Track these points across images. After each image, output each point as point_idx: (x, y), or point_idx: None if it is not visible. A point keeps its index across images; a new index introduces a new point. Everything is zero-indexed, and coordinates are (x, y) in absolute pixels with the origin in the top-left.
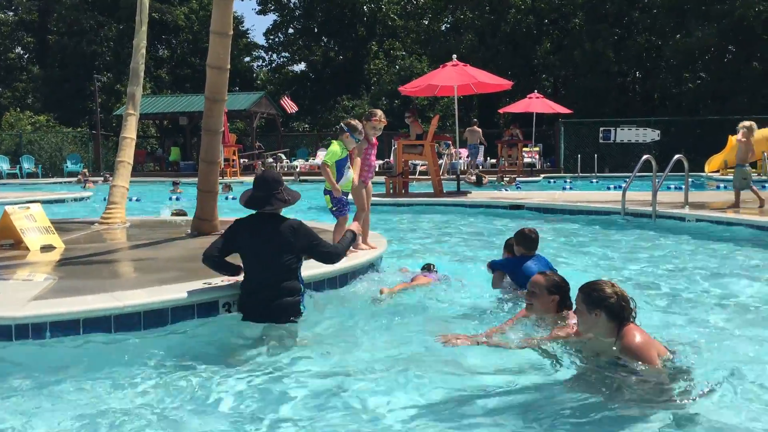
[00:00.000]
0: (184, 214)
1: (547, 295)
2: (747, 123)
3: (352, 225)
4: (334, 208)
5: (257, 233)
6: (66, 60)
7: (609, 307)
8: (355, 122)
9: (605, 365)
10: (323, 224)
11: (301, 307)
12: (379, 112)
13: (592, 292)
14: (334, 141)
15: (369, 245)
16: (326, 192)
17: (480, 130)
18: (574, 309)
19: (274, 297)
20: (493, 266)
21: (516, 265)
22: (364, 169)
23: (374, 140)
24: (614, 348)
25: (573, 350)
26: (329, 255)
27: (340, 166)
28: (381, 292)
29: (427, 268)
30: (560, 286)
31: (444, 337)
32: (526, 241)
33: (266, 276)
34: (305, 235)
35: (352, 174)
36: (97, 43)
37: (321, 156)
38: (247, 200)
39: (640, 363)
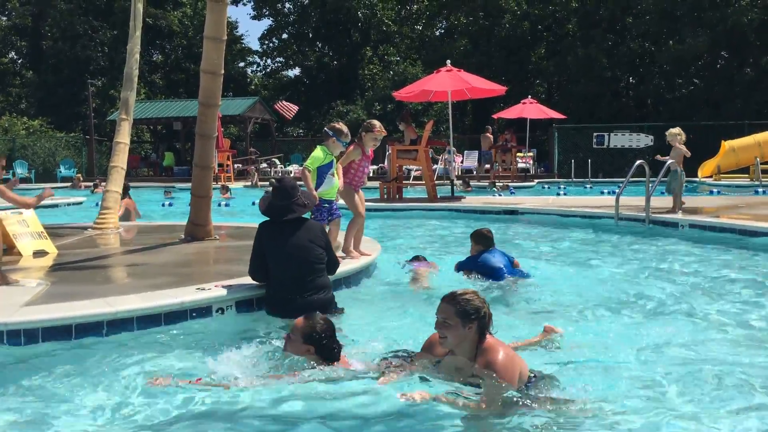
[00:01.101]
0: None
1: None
2: (675, 130)
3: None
4: (312, 216)
5: (286, 235)
6: (60, 65)
7: (482, 319)
8: (340, 126)
9: (463, 383)
10: None
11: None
12: (379, 123)
13: (467, 304)
14: (318, 146)
15: (362, 252)
16: None
17: (492, 136)
18: (444, 322)
19: (311, 294)
20: (459, 267)
21: (476, 261)
22: (355, 177)
23: (370, 152)
24: (475, 364)
25: (440, 372)
26: (336, 264)
27: (323, 173)
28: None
29: (417, 258)
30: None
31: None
32: (483, 239)
33: (301, 274)
34: (327, 237)
35: (336, 181)
36: (92, 48)
37: None
38: (268, 209)
39: (500, 380)
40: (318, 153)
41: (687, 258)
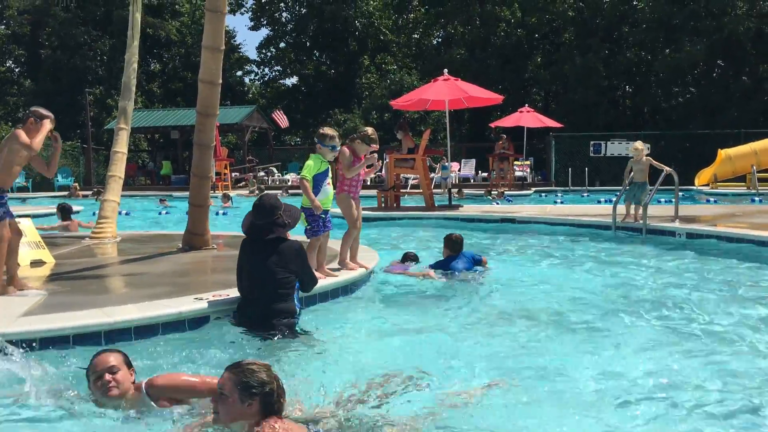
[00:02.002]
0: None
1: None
2: (639, 145)
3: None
4: (308, 227)
5: (257, 252)
6: (58, 74)
7: (266, 396)
8: (324, 130)
9: None
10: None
11: (297, 329)
12: (371, 129)
13: (251, 378)
14: (311, 155)
15: (358, 263)
16: (302, 209)
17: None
18: (219, 393)
19: (270, 317)
20: (432, 267)
21: (447, 264)
22: (351, 184)
23: (362, 156)
24: None
25: None
26: (311, 282)
27: (319, 182)
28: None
29: (407, 257)
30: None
31: None
32: (452, 244)
33: (262, 295)
34: (303, 258)
35: (330, 190)
36: (90, 58)
37: None
38: (248, 229)
39: None
40: (310, 162)
41: (684, 267)
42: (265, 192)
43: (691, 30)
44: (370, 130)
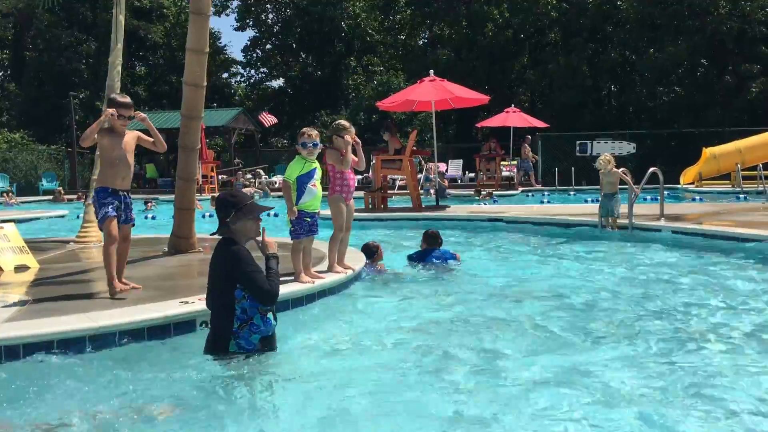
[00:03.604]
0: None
1: None
2: (607, 157)
3: (267, 245)
4: (291, 228)
5: (212, 258)
6: (43, 77)
7: None
8: (303, 130)
9: None
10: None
11: (233, 347)
12: (345, 122)
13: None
14: (297, 156)
15: (345, 266)
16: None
17: (529, 146)
18: None
19: (211, 330)
20: (410, 259)
21: (423, 256)
22: (342, 184)
23: (344, 150)
24: None
25: None
26: (264, 292)
27: (303, 183)
28: None
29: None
30: None
31: None
32: (429, 239)
33: (210, 305)
34: (243, 263)
35: (317, 191)
36: (76, 61)
37: None
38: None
39: None
40: (292, 163)
41: (669, 265)
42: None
43: (674, 30)
44: (341, 122)
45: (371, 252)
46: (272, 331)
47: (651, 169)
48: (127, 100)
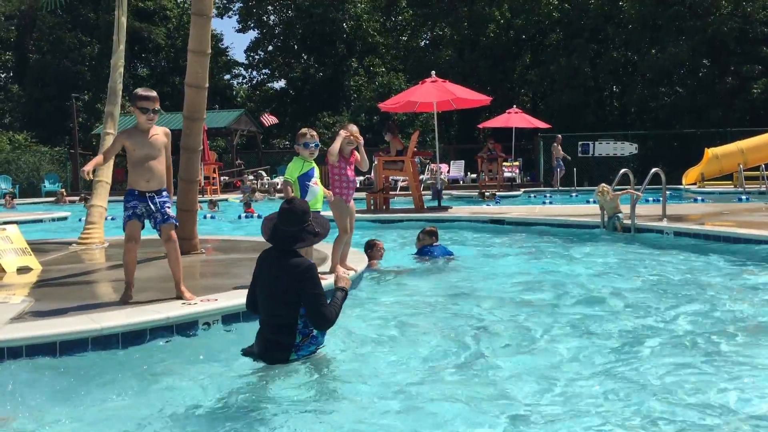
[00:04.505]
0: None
1: None
2: (606, 188)
3: (339, 278)
4: None
5: (271, 268)
6: (46, 79)
7: None
8: (302, 131)
9: None
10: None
11: (292, 356)
12: (353, 127)
13: None
14: (295, 157)
15: (347, 267)
16: None
17: (560, 146)
18: None
19: (269, 341)
20: (419, 253)
21: (423, 251)
22: (342, 185)
23: (352, 156)
24: None
25: None
26: (322, 317)
27: (303, 183)
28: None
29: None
30: None
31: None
32: (428, 235)
33: (269, 316)
34: (310, 281)
35: (318, 190)
36: (78, 62)
37: None
38: (273, 237)
39: None
40: (291, 163)
41: (672, 265)
42: (294, 197)
43: (675, 30)
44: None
45: (369, 248)
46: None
47: (653, 170)
48: (151, 93)
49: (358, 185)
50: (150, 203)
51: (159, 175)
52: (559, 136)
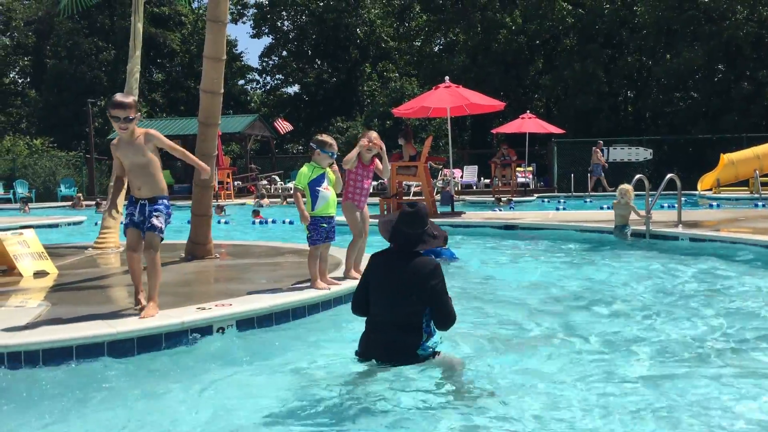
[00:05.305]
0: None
1: None
2: (627, 187)
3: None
4: (308, 234)
5: (392, 269)
6: (63, 84)
7: None
8: (323, 137)
9: None
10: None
11: (419, 352)
12: (372, 134)
13: None
14: (306, 164)
15: (360, 271)
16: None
17: (600, 151)
18: None
19: (394, 341)
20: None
21: (436, 253)
22: (355, 192)
23: (371, 163)
24: None
25: None
26: (448, 316)
27: (313, 188)
28: None
29: None
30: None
31: None
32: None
33: (394, 315)
34: (439, 281)
35: (330, 195)
36: (95, 68)
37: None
38: (395, 238)
39: None
40: (303, 169)
41: (687, 272)
42: (416, 201)
43: (690, 35)
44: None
45: None
46: None
47: (668, 176)
48: (125, 100)
49: (371, 190)
50: (138, 211)
51: (151, 182)
52: (600, 141)
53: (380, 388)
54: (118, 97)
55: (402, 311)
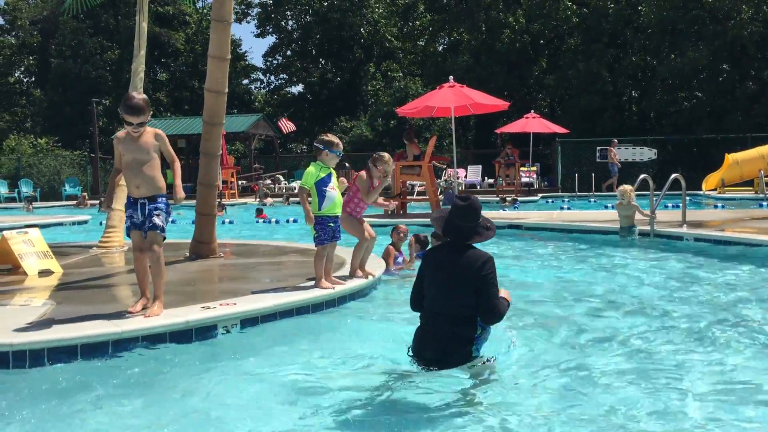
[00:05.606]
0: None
1: None
2: (627, 187)
3: (503, 292)
4: (316, 235)
5: (446, 262)
6: (68, 83)
7: None
8: (330, 137)
9: None
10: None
11: (474, 353)
12: (386, 155)
13: None
14: (311, 163)
15: (366, 272)
16: (315, 217)
17: (615, 150)
18: None
19: (448, 334)
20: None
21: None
22: (356, 207)
23: (376, 183)
24: None
25: None
26: (494, 309)
27: (320, 188)
28: None
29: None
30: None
31: None
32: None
33: (450, 308)
34: (491, 273)
35: (336, 195)
36: (100, 67)
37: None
38: (449, 231)
39: None
40: (311, 169)
41: (692, 272)
42: (468, 194)
43: (695, 35)
44: (386, 155)
45: (393, 230)
46: None
47: (673, 176)
48: (138, 103)
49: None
50: (139, 211)
51: (150, 180)
52: (615, 140)
53: (383, 387)
54: (133, 100)
55: (456, 303)
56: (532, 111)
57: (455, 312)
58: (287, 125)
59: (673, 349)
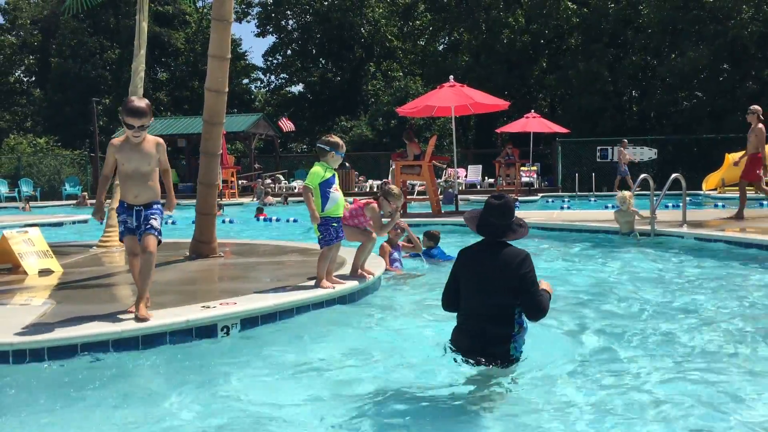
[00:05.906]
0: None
1: None
2: (627, 194)
3: (543, 284)
4: (320, 236)
5: (481, 261)
6: (68, 83)
7: None
8: (335, 139)
9: None
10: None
11: (512, 351)
12: (396, 188)
13: None
14: (316, 163)
15: (367, 271)
16: (321, 217)
17: (625, 150)
18: None
19: (485, 332)
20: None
21: (427, 252)
22: (355, 221)
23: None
24: None
25: None
26: (539, 306)
27: (324, 189)
28: None
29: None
30: None
31: None
32: (431, 238)
33: (486, 307)
34: (529, 270)
35: (339, 196)
36: (100, 66)
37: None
38: (482, 230)
39: None
40: (317, 169)
41: (691, 271)
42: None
43: (695, 35)
44: (396, 190)
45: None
46: None
47: (673, 175)
48: (141, 106)
49: (375, 189)
50: (134, 216)
51: (149, 190)
52: (625, 140)
53: (385, 385)
54: (134, 103)
55: (493, 302)
56: (533, 111)
57: (494, 311)
58: (287, 125)
59: (673, 349)
